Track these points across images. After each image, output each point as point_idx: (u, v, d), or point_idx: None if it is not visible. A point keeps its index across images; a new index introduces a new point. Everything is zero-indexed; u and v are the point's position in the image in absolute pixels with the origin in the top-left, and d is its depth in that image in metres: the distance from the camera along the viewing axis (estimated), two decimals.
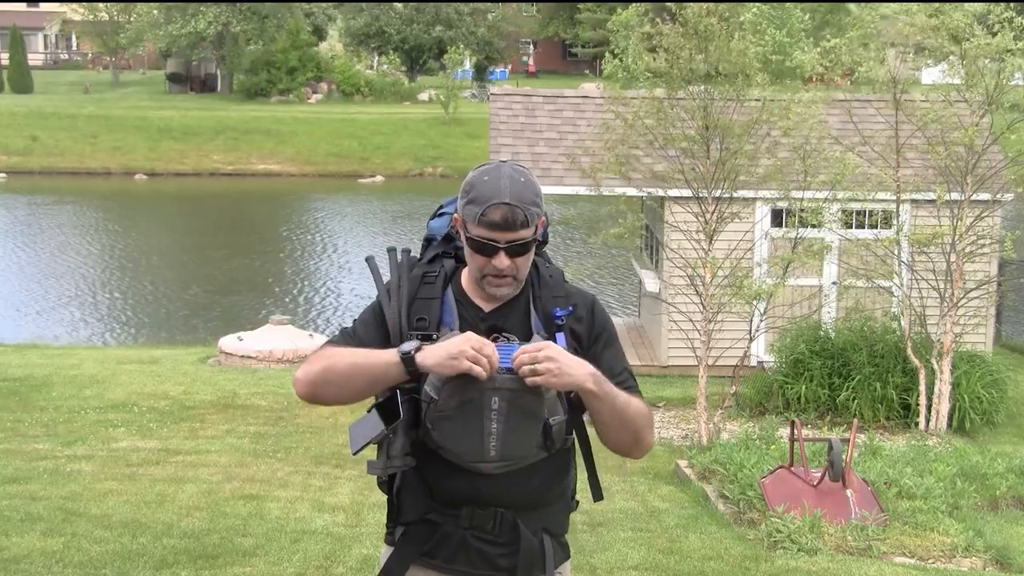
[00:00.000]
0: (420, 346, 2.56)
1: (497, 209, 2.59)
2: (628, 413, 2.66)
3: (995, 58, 9.76)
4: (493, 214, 2.59)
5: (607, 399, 2.61)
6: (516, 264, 2.65)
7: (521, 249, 2.64)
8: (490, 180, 2.63)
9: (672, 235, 10.92)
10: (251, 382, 11.27)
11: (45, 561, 5.67)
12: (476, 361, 2.48)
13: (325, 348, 2.73)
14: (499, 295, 2.69)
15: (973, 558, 6.59)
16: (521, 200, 2.61)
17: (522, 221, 2.61)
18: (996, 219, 11.24)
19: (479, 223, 2.60)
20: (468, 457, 2.60)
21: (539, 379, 2.50)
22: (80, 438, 8.93)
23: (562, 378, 2.52)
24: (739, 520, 7.14)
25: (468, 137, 40.53)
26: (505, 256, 2.62)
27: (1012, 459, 8.44)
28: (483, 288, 2.69)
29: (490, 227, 2.60)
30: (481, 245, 2.62)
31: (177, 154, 40.40)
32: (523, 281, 2.72)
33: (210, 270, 23.08)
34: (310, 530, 6.46)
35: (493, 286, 2.67)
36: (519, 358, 2.51)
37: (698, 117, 9.56)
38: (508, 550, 2.70)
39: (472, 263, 2.68)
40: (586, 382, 2.55)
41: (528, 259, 2.69)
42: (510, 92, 14.09)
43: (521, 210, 2.60)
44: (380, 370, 2.59)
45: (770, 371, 11.02)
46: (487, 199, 2.60)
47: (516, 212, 2.59)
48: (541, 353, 2.51)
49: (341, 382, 2.65)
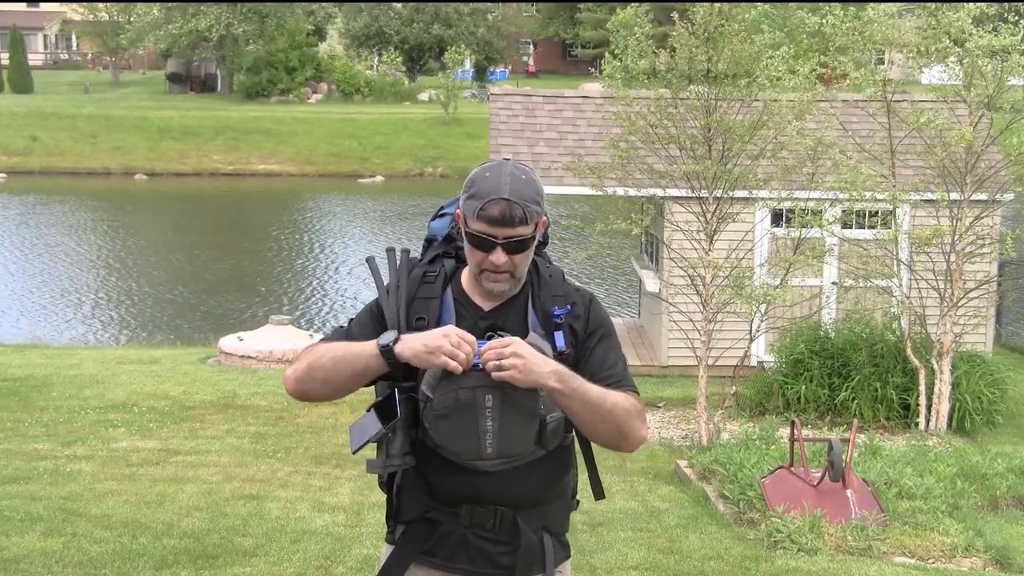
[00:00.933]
0: (398, 337, 2.57)
1: (496, 204, 2.60)
2: (604, 407, 2.62)
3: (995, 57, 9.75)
4: (492, 209, 2.60)
5: (575, 395, 2.58)
6: (514, 261, 2.65)
7: (519, 246, 2.64)
8: (491, 176, 2.64)
9: (672, 235, 10.93)
10: (251, 382, 11.27)
11: (45, 561, 5.67)
12: (453, 356, 2.49)
13: (314, 346, 2.74)
14: (496, 291, 2.69)
15: (973, 558, 6.59)
16: (521, 197, 2.61)
17: (520, 218, 2.61)
18: (996, 219, 11.24)
19: (478, 218, 2.61)
20: (466, 455, 2.60)
21: (504, 375, 2.50)
22: (80, 438, 8.93)
23: (527, 375, 2.51)
24: (739, 520, 7.14)
25: (468, 137, 40.54)
26: (502, 252, 2.63)
27: (1012, 459, 8.44)
28: (481, 283, 2.69)
29: (489, 222, 2.61)
30: (479, 240, 2.63)
31: (177, 154, 40.42)
32: (522, 279, 2.72)
33: (210, 270, 23.09)
34: (310, 530, 6.46)
35: (490, 281, 2.67)
36: (485, 354, 2.51)
37: (700, 117, 9.56)
38: (508, 548, 2.70)
39: (471, 258, 2.69)
40: (549, 379, 2.53)
41: (527, 257, 2.69)
42: (510, 92, 14.09)
43: (520, 207, 2.61)
44: (362, 363, 2.61)
45: (770, 371, 11.02)
46: (487, 194, 2.61)
47: (515, 208, 2.60)
48: (507, 349, 2.51)
49: (325, 377, 2.66)
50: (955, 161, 10.00)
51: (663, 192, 10.35)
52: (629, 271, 17.85)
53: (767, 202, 10.86)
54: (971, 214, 10.15)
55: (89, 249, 25.69)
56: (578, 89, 16.45)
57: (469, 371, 2.53)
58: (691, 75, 9.58)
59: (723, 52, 9.31)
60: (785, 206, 10.63)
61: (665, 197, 10.80)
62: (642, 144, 9.90)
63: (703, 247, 9.73)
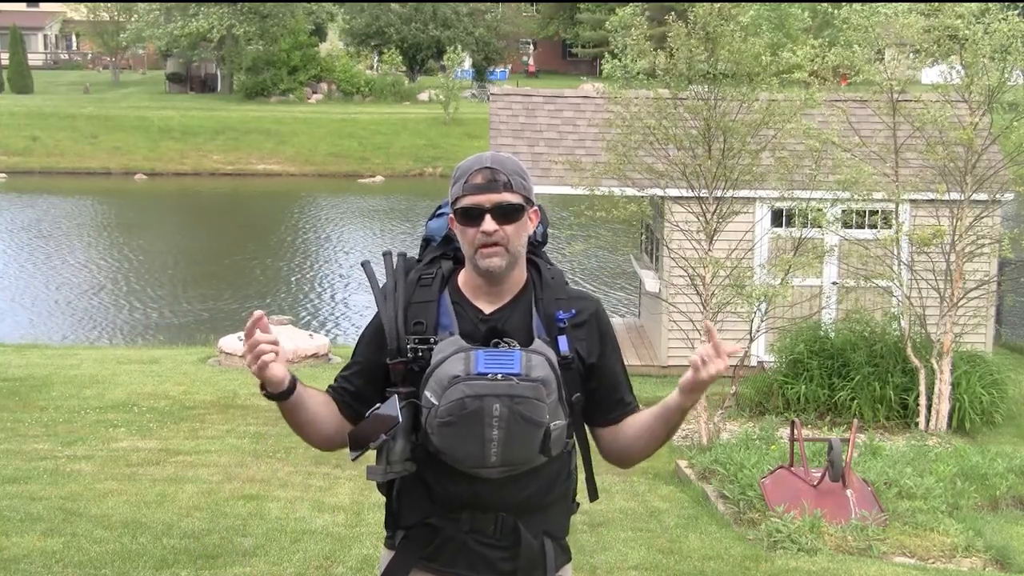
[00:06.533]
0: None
1: (479, 172, 2.65)
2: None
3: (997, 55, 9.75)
4: (475, 178, 2.65)
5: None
6: (506, 232, 2.64)
7: (508, 213, 2.65)
8: (472, 158, 2.72)
9: (672, 234, 10.92)
10: (251, 382, 11.25)
11: (45, 561, 5.67)
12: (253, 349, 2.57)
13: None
14: (492, 267, 2.66)
15: (973, 558, 6.60)
16: (503, 166, 2.67)
17: (505, 183, 2.65)
18: (996, 219, 11.24)
19: (464, 192, 2.65)
20: (469, 463, 2.59)
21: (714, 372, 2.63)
22: (80, 438, 8.93)
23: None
24: (739, 520, 7.14)
25: (468, 137, 40.51)
26: (491, 219, 2.63)
27: (1012, 459, 8.44)
28: (478, 264, 2.67)
29: (475, 190, 2.64)
30: (467, 211, 2.65)
31: (177, 154, 40.41)
32: (517, 256, 2.70)
33: (210, 270, 23.09)
34: (310, 530, 6.46)
35: (485, 257, 2.65)
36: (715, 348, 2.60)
37: (701, 116, 9.56)
38: (509, 553, 2.69)
39: (464, 240, 2.68)
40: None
41: (519, 230, 2.68)
42: (510, 92, 14.10)
43: (504, 174, 2.65)
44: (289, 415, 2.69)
45: (770, 371, 11.01)
46: (470, 167, 2.68)
47: (498, 174, 2.65)
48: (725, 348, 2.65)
49: (308, 436, 2.75)
50: (955, 160, 10.00)
51: (663, 192, 10.35)
52: (629, 271, 17.84)
53: (767, 201, 10.86)
54: (971, 214, 10.15)
55: (89, 249, 25.69)
56: (578, 89, 16.43)
57: (475, 378, 2.53)
58: (690, 76, 9.57)
59: (722, 52, 9.31)
60: (785, 205, 10.63)
61: (665, 197, 10.80)
62: (641, 145, 9.90)
63: (703, 247, 9.73)
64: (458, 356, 2.57)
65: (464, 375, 2.54)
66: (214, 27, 50.35)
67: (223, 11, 50.64)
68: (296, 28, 51.80)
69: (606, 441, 2.82)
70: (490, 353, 2.57)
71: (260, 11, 51.25)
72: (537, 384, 2.55)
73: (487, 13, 61.17)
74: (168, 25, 51.44)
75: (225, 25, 50.47)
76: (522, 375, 2.55)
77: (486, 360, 2.55)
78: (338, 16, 62.33)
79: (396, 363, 2.65)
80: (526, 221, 2.70)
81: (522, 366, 2.56)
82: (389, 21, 58.98)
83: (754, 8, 11.45)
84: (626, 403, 2.81)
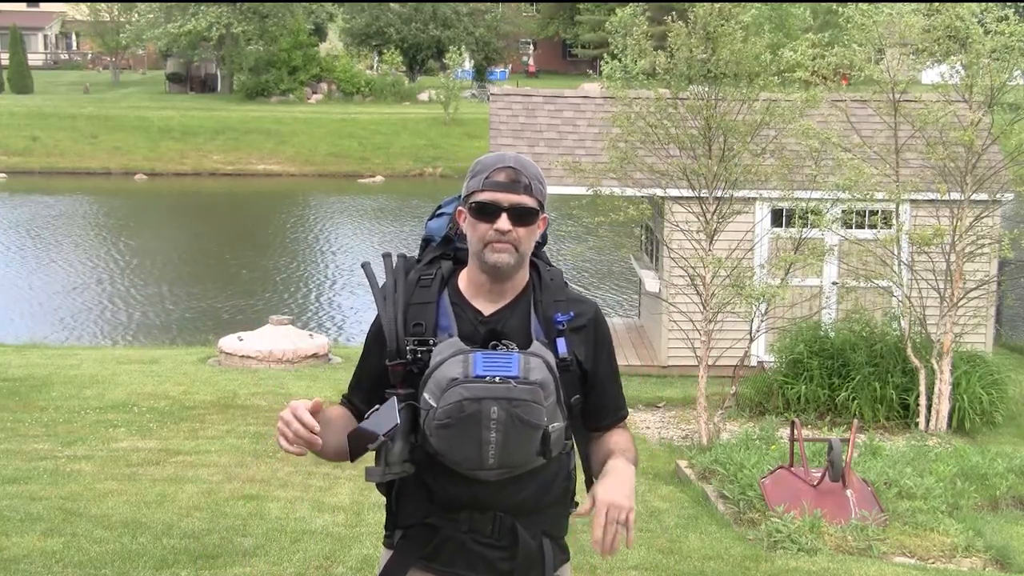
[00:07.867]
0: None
1: (502, 171, 2.65)
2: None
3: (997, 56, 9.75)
4: (498, 175, 2.65)
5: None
6: (519, 234, 2.64)
7: (524, 215, 2.65)
8: (496, 154, 2.72)
9: (673, 234, 10.92)
10: (251, 382, 11.27)
11: (45, 561, 5.67)
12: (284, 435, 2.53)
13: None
14: (500, 262, 2.65)
15: (973, 558, 6.60)
16: (526, 169, 2.68)
17: (525, 186, 2.65)
18: (996, 219, 11.24)
19: (484, 187, 2.65)
20: (467, 465, 2.59)
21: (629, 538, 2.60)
22: (80, 438, 8.93)
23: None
24: (739, 520, 7.14)
25: (468, 137, 40.54)
26: (507, 219, 2.62)
27: (1012, 459, 8.44)
28: (485, 259, 2.66)
29: (495, 187, 2.64)
30: (483, 206, 2.64)
31: (177, 154, 40.43)
32: (524, 257, 2.70)
33: (210, 270, 23.09)
34: (310, 530, 6.46)
35: (495, 252, 2.64)
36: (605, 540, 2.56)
37: (701, 116, 9.55)
38: (507, 553, 2.69)
39: (474, 235, 2.66)
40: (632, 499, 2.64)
41: (530, 234, 2.68)
42: (510, 92, 14.09)
43: (526, 176, 2.66)
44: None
45: (770, 371, 11.01)
46: (493, 164, 2.67)
47: (520, 176, 2.65)
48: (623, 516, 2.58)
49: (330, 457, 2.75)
50: (955, 161, 10.00)
51: (663, 192, 10.35)
52: (629, 271, 17.84)
53: (768, 201, 10.86)
54: (971, 214, 10.15)
55: (89, 249, 25.69)
56: (578, 89, 16.42)
57: (473, 380, 2.52)
58: (691, 76, 9.57)
59: (723, 52, 9.31)
60: (786, 205, 10.63)
61: (665, 197, 10.80)
62: (641, 144, 9.90)
63: (703, 247, 9.73)
64: (456, 358, 2.56)
65: (462, 377, 2.53)
66: (213, 26, 50.35)
67: (222, 10, 50.65)
68: (296, 28, 51.81)
69: (591, 448, 2.84)
70: (488, 355, 2.57)
71: (260, 11, 51.26)
72: (535, 387, 2.55)
73: (487, 13, 61.20)
74: (167, 24, 51.44)
75: (224, 24, 50.48)
76: (520, 378, 2.54)
77: (484, 363, 2.55)
78: (338, 16, 62.34)
79: (395, 364, 2.65)
80: (537, 226, 2.71)
81: (520, 369, 2.55)
82: (389, 21, 59.03)
83: (755, 8, 11.43)
84: (614, 411, 2.83)
